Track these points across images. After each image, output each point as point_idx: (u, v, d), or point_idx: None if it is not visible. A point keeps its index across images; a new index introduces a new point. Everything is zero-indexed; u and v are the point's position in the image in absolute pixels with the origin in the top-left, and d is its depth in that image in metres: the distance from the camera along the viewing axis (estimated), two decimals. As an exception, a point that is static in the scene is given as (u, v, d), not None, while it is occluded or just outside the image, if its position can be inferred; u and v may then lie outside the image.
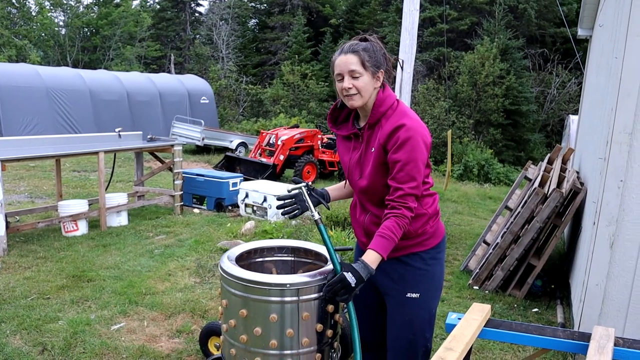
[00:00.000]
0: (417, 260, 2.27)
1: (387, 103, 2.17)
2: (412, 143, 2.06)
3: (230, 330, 2.49)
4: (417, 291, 2.27)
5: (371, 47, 2.14)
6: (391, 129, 2.10)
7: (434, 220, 2.29)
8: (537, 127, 20.62)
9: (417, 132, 2.08)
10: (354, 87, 2.12)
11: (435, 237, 2.30)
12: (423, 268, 2.27)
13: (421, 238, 2.26)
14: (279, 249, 2.96)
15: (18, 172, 11.22)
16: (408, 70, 6.92)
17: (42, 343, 3.57)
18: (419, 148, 2.08)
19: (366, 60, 2.11)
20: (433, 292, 2.32)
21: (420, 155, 2.09)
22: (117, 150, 7.13)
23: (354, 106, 2.18)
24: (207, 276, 5.06)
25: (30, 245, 5.88)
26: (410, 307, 2.28)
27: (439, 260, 2.33)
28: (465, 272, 5.54)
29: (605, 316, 3.26)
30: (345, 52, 2.13)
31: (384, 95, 2.18)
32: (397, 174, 2.08)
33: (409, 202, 2.09)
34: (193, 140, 16.02)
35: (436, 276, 2.32)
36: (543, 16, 22.72)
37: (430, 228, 2.27)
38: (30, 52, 25.21)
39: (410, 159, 2.06)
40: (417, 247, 2.26)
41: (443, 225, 2.38)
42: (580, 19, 7.14)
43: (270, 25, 31.67)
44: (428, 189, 2.28)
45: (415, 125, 2.10)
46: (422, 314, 2.30)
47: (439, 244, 2.31)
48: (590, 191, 4.26)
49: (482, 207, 10.09)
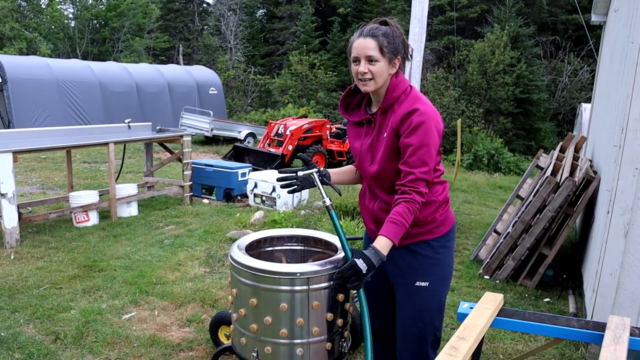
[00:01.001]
0: (427, 249, 2.24)
1: (400, 88, 2.15)
2: (425, 127, 2.04)
3: (241, 319, 2.48)
4: (427, 280, 2.24)
5: (391, 32, 2.10)
6: (404, 113, 2.07)
7: (444, 208, 2.26)
8: (548, 115, 20.42)
9: (430, 117, 2.06)
10: (369, 72, 2.09)
11: (445, 225, 2.27)
12: (432, 256, 2.25)
13: (431, 226, 2.23)
14: (288, 238, 2.94)
15: (30, 163, 11.30)
16: (417, 58, 6.85)
17: (54, 332, 3.59)
18: (432, 133, 2.05)
19: (384, 46, 2.07)
20: (442, 280, 2.29)
21: (433, 141, 2.06)
22: (126, 141, 7.14)
23: (367, 91, 2.15)
24: (217, 266, 5.07)
25: (43, 235, 5.92)
26: (419, 296, 2.26)
27: (449, 248, 2.30)
28: (476, 262, 5.50)
29: (619, 306, 3.22)
30: (364, 36, 2.09)
31: (397, 81, 2.15)
32: (409, 158, 2.06)
33: (419, 187, 2.06)
34: (202, 131, 16.04)
35: (446, 265, 2.29)
36: (555, 3, 22.40)
37: (440, 216, 2.24)
38: (40, 45, 25.30)
39: (422, 143, 2.04)
40: (427, 235, 2.23)
41: (453, 213, 2.36)
42: (594, 5, 7.02)
43: (278, 15, 31.52)
44: (439, 177, 2.25)
45: (428, 110, 2.08)
46: (431, 302, 2.27)
47: (448, 232, 2.28)
48: (604, 180, 4.21)
49: (492, 196, 10.03)
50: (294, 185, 2.40)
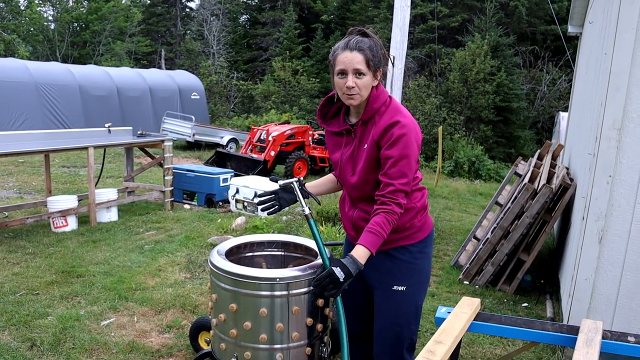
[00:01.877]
0: (405, 254, 2.28)
1: (380, 100, 2.17)
2: (406, 140, 2.07)
3: (220, 324, 2.48)
4: (404, 284, 2.28)
5: (374, 45, 2.13)
6: (386, 125, 2.10)
7: (422, 214, 2.31)
8: (528, 124, 20.72)
9: (410, 129, 2.09)
10: (356, 86, 2.10)
11: (423, 231, 2.31)
12: (410, 261, 2.28)
13: (409, 232, 2.27)
14: (268, 244, 2.95)
15: (7, 167, 11.11)
16: (399, 66, 6.92)
17: (31, 339, 3.54)
18: (412, 145, 2.09)
19: (371, 60, 2.09)
20: (419, 285, 2.33)
21: (412, 152, 2.10)
22: (107, 146, 7.08)
23: (352, 104, 2.17)
24: (198, 271, 5.05)
25: (19, 241, 5.83)
26: (396, 300, 2.29)
27: (426, 254, 2.34)
28: (456, 268, 5.56)
29: (594, 310, 3.29)
30: (351, 49, 2.08)
31: (377, 92, 2.17)
32: (389, 169, 2.09)
33: (399, 199, 2.09)
34: (183, 136, 15.94)
35: (423, 270, 2.33)
36: (534, 13, 22.79)
37: (418, 222, 2.28)
38: (18, 47, 24.94)
39: (402, 155, 2.07)
40: (405, 241, 2.27)
41: (431, 219, 2.40)
42: (571, 16, 7.17)
43: (261, 21, 31.53)
44: (417, 184, 2.30)
45: (409, 122, 2.11)
46: (408, 306, 2.31)
47: (426, 238, 2.33)
48: (580, 187, 4.29)
49: (473, 203, 10.14)
50: (274, 205, 2.44)
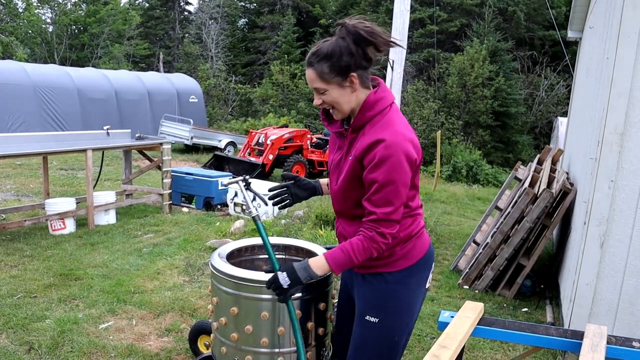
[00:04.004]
0: (380, 281, 2.04)
1: (377, 107, 1.91)
2: (392, 162, 1.82)
3: (221, 328, 2.46)
4: (377, 315, 2.03)
5: (335, 48, 1.84)
6: (369, 142, 1.86)
7: (409, 242, 2.04)
8: (526, 128, 20.75)
9: (398, 149, 1.82)
10: (324, 102, 1.94)
11: (406, 260, 2.03)
12: (384, 290, 2.03)
13: (388, 259, 2.02)
14: (270, 247, 2.93)
15: (4, 170, 11.07)
16: (398, 70, 6.92)
17: (28, 342, 3.51)
18: (400, 168, 1.83)
19: (325, 73, 1.86)
20: (396, 319, 2.04)
21: (401, 177, 1.84)
22: (105, 148, 7.06)
23: (338, 118, 2.00)
24: (196, 275, 5.02)
25: (17, 243, 5.79)
26: (367, 331, 2.06)
27: (407, 285, 2.04)
28: (455, 272, 5.55)
29: (595, 316, 3.28)
30: (306, 65, 1.93)
31: (375, 97, 1.92)
32: (373, 195, 1.86)
33: (380, 228, 1.87)
34: (182, 139, 15.92)
35: (401, 302, 2.03)
36: (532, 19, 22.87)
37: (400, 250, 2.02)
38: (16, 49, 24.89)
39: (387, 180, 1.82)
40: (383, 268, 2.03)
41: (423, 248, 2.09)
42: (571, 21, 7.19)
43: (259, 24, 31.57)
44: (411, 211, 2.04)
45: (397, 140, 1.83)
46: (380, 340, 2.04)
47: (409, 268, 2.04)
48: (580, 191, 4.29)
49: (471, 207, 10.13)
50: (286, 200, 2.31)
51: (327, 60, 1.85)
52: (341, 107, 1.92)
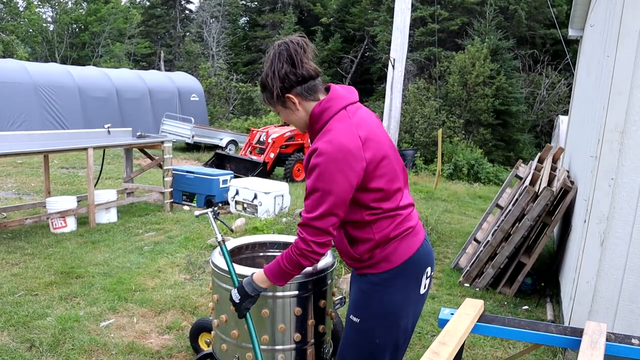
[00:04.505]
0: (365, 282, 2.04)
1: (322, 119, 1.94)
2: (320, 170, 1.83)
3: (222, 325, 2.47)
4: (358, 316, 2.04)
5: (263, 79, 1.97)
6: (309, 152, 1.91)
7: (389, 245, 1.98)
8: (527, 127, 20.75)
9: (330, 157, 1.82)
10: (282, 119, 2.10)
11: (388, 262, 1.99)
12: (367, 291, 2.03)
13: (370, 262, 2.01)
14: (270, 245, 2.94)
15: (5, 168, 11.09)
16: (399, 68, 6.92)
17: (30, 340, 3.52)
18: (329, 176, 1.82)
19: (267, 99, 2.02)
20: (377, 321, 2.01)
21: (330, 185, 1.82)
22: (106, 147, 7.07)
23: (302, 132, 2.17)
24: (197, 273, 5.03)
25: (18, 241, 5.81)
26: (351, 330, 2.07)
27: (391, 287, 2.00)
28: (456, 270, 5.55)
29: (595, 313, 3.29)
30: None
31: (320, 108, 1.94)
32: (305, 200, 1.91)
33: (303, 233, 1.89)
34: (183, 137, 15.93)
35: (383, 304, 2.00)
36: (533, 17, 22.85)
37: (379, 253, 1.98)
38: (17, 48, 24.92)
39: (315, 187, 1.85)
40: (368, 269, 2.02)
41: (409, 251, 2.01)
42: (571, 20, 7.18)
43: (260, 23, 31.57)
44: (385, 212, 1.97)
45: (327, 149, 1.83)
46: (361, 341, 2.04)
47: (392, 270, 1.99)
48: (581, 189, 4.29)
49: (472, 206, 10.13)
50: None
51: (263, 90, 2.00)
52: (294, 124, 2.05)
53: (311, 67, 1.93)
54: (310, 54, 1.94)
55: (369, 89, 25.83)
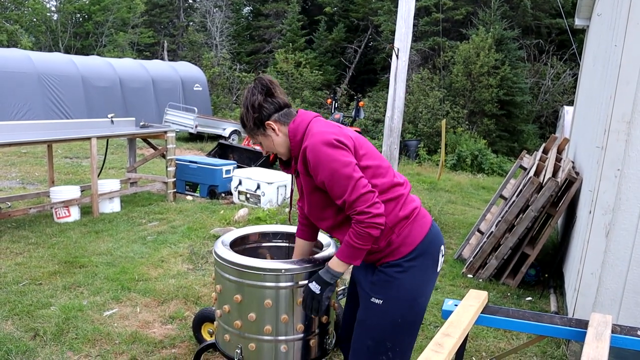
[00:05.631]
0: (386, 268, 2.15)
1: (299, 131, 2.12)
2: (320, 158, 2.00)
3: (224, 315, 2.46)
4: (381, 297, 2.15)
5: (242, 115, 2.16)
6: (301, 155, 2.08)
7: (401, 228, 2.11)
8: (531, 118, 20.62)
9: (318, 144, 2.01)
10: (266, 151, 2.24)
11: (406, 245, 2.11)
12: (390, 275, 2.14)
13: (389, 249, 2.13)
14: (273, 235, 2.93)
15: (9, 158, 11.10)
16: (403, 58, 6.86)
17: (34, 328, 3.54)
18: (330, 157, 1.99)
19: (249, 131, 2.18)
20: (398, 301, 2.14)
21: (336, 163, 1.98)
22: (109, 136, 7.06)
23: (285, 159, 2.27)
24: (200, 263, 5.04)
25: (22, 231, 5.82)
26: (373, 312, 2.17)
27: (409, 269, 2.12)
28: (459, 261, 5.54)
29: (600, 305, 3.27)
30: None
31: (293, 126, 2.13)
32: (332, 192, 2.03)
33: (357, 208, 1.99)
34: (186, 127, 15.90)
35: (403, 286, 2.13)
36: (539, 7, 22.62)
37: (396, 238, 2.11)
38: (21, 38, 24.87)
39: (329, 171, 1.99)
40: (387, 258, 2.14)
41: (423, 231, 2.16)
42: (578, 9, 7.11)
43: (264, 12, 31.36)
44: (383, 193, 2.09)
45: (314, 140, 2.02)
46: (383, 321, 2.15)
47: (411, 252, 2.12)
48: (586, 180, 4.26)
49: (476, 196, 10.10)
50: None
51: (243, 125, 2.18)
52: (277, 150, 2.20)
53: (284, 98, 2.17)
54: (280, 89, 2.18)
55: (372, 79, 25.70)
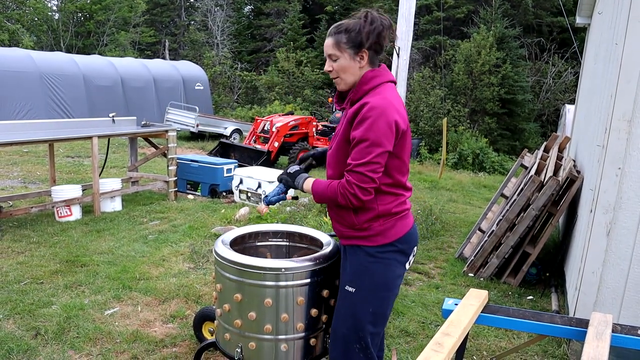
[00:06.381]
0: (358, 254, 2.20)
1: (372, 82, 2.12)
2: (370, 122, 1.99)
3: (225, 314, 2.47)
4: (354, 286, 2.20)
5: (356, 26, 2.09)
6: (357, 106, 2.07)
7: (387, 220, 2.16)
8: (533, 116, 20.61)
9: (379, 111, 2.00)
10: (333, 69, 2.15)
11: (385, 237, 2.17)
12: (362, 263, 2.18)
13: (365, 232, 2.17)
14: (273, 234, 2.93)
15: (11, 157, 11.12)
16: (404, 57, 6.86)
17: (35, 327, 3.54)
18: (378, 128, 1.99)
19: (342, 42, 2.10)
20: (372, 291, 2.18)
21: (377, 137, 1.99)
22: (111, 135, 7.06)
23: (341, 89, 2.20)
24: (201, 262, 5.04)
25: (24, 230, 5.83)
26: (348, 300, 2.22)
27: (384, 260, 2.17)
28: (460, 260, 5.54)
29: (601, 304, 3.27)
30: (327, 35, 2.16)
31: (372, 74, 2.13)
32: (351, 150, 2.06)
33: (349, 177, 2.04)
34: (187, 126, 15.91)
35: (377, 275, 2.17)
36: (540, 5, 22.60)
37: (378, 226, 2.15)
38: (23, 37, 24.87)
39: (364, 137, 2.00)
40: (361, 241, 2.19)
41: (403, 229, 2.21)
42: (579, 7, 7.09)
43: (265, 11, 31.34)
44: (393, 187, 2.17)
45: (381, 103, 2.02)
46: (358, 310, 2.19)
47: (387, 245, 2.17)
48: (587, 179, 4.26)
49: (477, 195, 10.10)
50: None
51: (347, 32, 2.09)
52: (346, 76, 2.15)
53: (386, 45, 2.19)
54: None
55: (374, 78, 25.67)
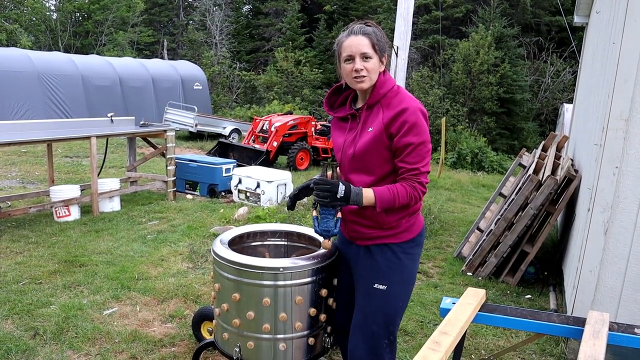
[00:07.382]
0: (387, 252, 2.24)
1: (387, 86, 2.18)
2: (419, 126, 2.10)
3: (223, 314, 2.47)
4: (385, 283, 2.23)
5: (378, 31, 2.17)
6: (396, 112, 2.10)
7: (412, 216, 2.27)
8: (531, 115, 20.62)
9: (419, 114, 2.11)
10: (365, 69, 2.12)
11: (410, 232, 2.26)
12: (392, 260, 2.24)
13: (394, 230, 2.23)
14: (272, 233, 2.94)
15: (10, 157, 11.11)
16: (403, 56, 6.86)
17: (34, 327, 3.54)
18: (425, 129, 2.12)
19: (376, 43, 2.13)
20: (402, 285, 2.27)
21: (427, 136, 2.13)
22: (109, 135, 7.06)
23: (363, 88, 2.17)
24: (200, 261, 5.04)
25: (22, 230, 5.83)
26: (377, 298, 2.25)
27: (412, 255, 2.28)
28: (459, 259, 5.54)
29: (598, 303, 3.27)
30: (355, 34, 2.13)
31: (385, 78, 2.19)
32: (407, 156, 2.10)
33: (420, 178, 2.12)
34: (186, 126, 15.90)
35: (406, 270, 2.27)
36: (538, 4, 22.61)
37: (405, 223, 2.24)
38: (21, 37, 24.85)
39: (420, 141, 2.10)
40: (389, 239, 2.24)
41: (422, 221, 2.35)
42: (577, 6, 7.10)
43: (264, 11, 31.34)
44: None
45: (418, 107, 2.12)
46: (388, 305, 2.25)
47: (413, 239, 2.27)
48: (585, 178, 4.27)
49: (476, 194, 10.11)
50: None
51: (377, 36, 2.15)
52: (374, 76, 2.16)
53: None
54: None
55: (372, 77, 25.68)
